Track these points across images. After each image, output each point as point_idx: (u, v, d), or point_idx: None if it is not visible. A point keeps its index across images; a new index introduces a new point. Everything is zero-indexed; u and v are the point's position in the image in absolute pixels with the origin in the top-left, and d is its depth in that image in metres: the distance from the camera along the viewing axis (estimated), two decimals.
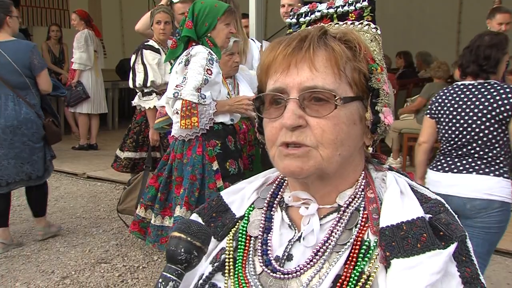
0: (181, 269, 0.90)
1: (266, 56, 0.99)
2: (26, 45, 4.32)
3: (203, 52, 3.09)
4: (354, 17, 1.08)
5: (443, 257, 0.86)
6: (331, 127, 0.93)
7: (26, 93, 4.22)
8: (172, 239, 0.92)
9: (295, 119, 0.92)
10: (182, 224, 0.94)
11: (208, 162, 3.18)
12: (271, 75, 0.98)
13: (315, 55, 0.94)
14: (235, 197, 1.13)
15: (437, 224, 0.91)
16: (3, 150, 4.11)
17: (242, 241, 1.05)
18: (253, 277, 0.99)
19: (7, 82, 4.11)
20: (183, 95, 3.02)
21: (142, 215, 3.52)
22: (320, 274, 0.93)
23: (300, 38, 0.96)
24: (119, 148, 5.09)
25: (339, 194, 1.00)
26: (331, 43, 0.95)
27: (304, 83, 0.93)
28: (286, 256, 0.99)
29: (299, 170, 0.94)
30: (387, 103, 1.01)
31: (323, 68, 0.93)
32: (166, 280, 0.89)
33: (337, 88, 0.93)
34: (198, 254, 0.92)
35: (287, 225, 1.04)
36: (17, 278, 3.78)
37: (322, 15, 1.11)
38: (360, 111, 0.98)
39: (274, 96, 0.96)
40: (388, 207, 0.94)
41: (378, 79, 0.98)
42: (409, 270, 0.86)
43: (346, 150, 0.96)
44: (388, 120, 1.01)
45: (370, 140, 1.02)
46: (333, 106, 0.92)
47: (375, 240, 0.93)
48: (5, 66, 4.08)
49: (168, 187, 3.34)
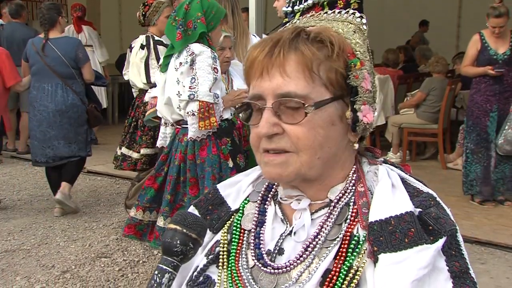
0: (177, 261, 0.91)
1: (247, 60, 1.00)
2: (73, 41, 5.12)
3: (206, 50, 3.09)
4: (342, 4, 1.07)
5: (430, 251, 0.86)
6: (306, 132, 0.93)
7: (73, 82, 4.90)
8: (168, 231, 0.92)
9: (269, 128, 0.93)
10: (178, 216, 0.94)
11: (224, 160, 3.20)
12: (251, 80, 1.00)
13: (286, 61, 0.94)
14: (231, 190, 1.14)
15: (426, 218, 0.91)
16: (54, 132, 4.85)
17: (236, 234, 1.06)
18: (245, 270, 1.00)
19: (57, 73, 4.83)
20: (200, 97, 3.01)
21: (140, 218, 3.42)
22: (309, 269, 0.94)
23: (273, 44, 0.96)
24: (125, 147, 5.07)
25: (330, 189, 1.01)
26: (301, 47, 0.94)
27: (277, 89, 0.93)
28: (278, 250, 1.00)
29: (278, 176, 0.97)
30: (367, 100, 0.98)
31: (295, 73, 0.93)
32: (162, 272, 0.90)
33: (310, 92, 0.93)
34: (194, 245, 0.92)
35: (279, 219, 1.05)
36: (18, 273, 3.79)
37: (314, 2, 1.11)
38: (339, 111, 0.97)
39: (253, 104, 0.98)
40: (377, 202, 0.94)
41: (356, 76, 0.96)
42: (396, 265, 0.86)
43: (326, 152, 0.96)
44: (367, 118, 0.98)
45: (355, 137, 1.00)
46: (304, 114, 0.92)
47: (364, 234, 0.93)
48: (55, 60, 4.81)
49: (176, 188, 3.30)
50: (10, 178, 6.56)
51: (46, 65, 4.81)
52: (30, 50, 4.94)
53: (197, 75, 3.05)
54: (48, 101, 4.82)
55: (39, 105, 4.85)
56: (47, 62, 4.81)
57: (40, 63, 4.85)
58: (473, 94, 5.06)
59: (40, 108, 4.85)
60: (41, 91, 4.85)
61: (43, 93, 4.84)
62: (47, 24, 4.85)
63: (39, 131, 4.87)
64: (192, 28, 3.15)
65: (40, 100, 4.84)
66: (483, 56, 4.97)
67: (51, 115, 4.81)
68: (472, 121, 5.04)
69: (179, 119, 3.29)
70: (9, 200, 5.59)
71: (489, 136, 4.99)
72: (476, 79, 5.06)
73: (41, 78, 4.87)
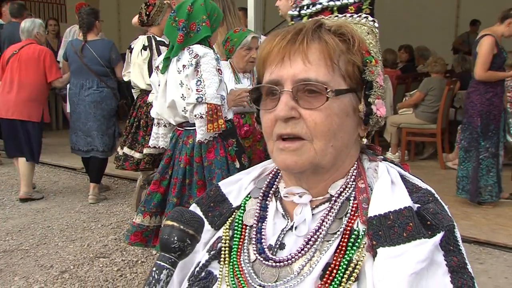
0: (175, 257, 0.91)
1: (263, 49, 1.02)
2: (107, 43, 5.54)
3: (209, 52, 3.08)
4: (354, 9, 1.11)
5: (428, 246, 0.87)
6: (323, 118, 0.95)
7: (107, 79, 5.46)
8: (165, 228, 0.92)
9: (287, 111, 0.94)
10: (175, 213, 0.95)
11: (231, 161, 3.19)
12: (267, 67, 1.00)
13: (309, 48, 0.96)
14: (233, 188, 1.16)
15: (424, 213, 0.92)
16: (90, 123, 5.40)
17: (238, 230, 1.07)
18: (247, 264, 1.01)
19: (93, 71, 5.37)
20: (208, 99, 2.99)
21: (147, 224, 3.31)
22: (311, 262, 0.96)
23: (295, 32, 0.98)
24: (127, 147, 5.06)
25: (331, 184, 1.02)
26: (324, 36, 0.97)
27: (298, 75, 0.95)
28: (279, 245, 1.01)
29: (294, 164, 0.97)
30: (380, 95, 1.02)
31: (317, 61, 0.95)
32: (160, 268, 0.90)
33: (329, 80, 0.95)
34: (191, 242, 0.92)
35: (280, 215, 1.06)
36: (16, 273, 3.78)
37: (322, 7, 1.13)
38: (354, 103, 0.99)
39: (269, 88, 0.98)
40: (377, 197, 0.96)
41: (372, 71, 1.00)
42: (394, 258, 0.87)
43: (339, 142, 0.98)
44: (381, 112, 1.02)
45: (364, 131, 1.04)
46: (325, 98, 0.94)
47: (364, 229, 0.95)
48: (92, 60, 5.36)
49: (182, 191, 3.26)
50: (9, 178, 6.55)
51: (84, 64, 5.37)
52: (69, 51, 5.54)
53: (202, 77, 3.03)
54: (85, 95, 5.41)
55: (78, 99, 5.43)
56: (84, 61, 5.37)
57: (78, 63, 5.41)
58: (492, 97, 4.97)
59: (79, 102, 5.44)
60: (79, 87, 5.43)
61: (81, 88, 5.43)
62: (85, 28, 5.39)
63: (80, 123, 5.47)
64: (195, 31, 3.12)
65: (79, 95, 5.43)
66: (499, 59, 4.95)
67: (88, 108, 5.40)
68: (494, 125, 5.01)
69: (182, 122, 3.27)
70: (8, 200, 5.58)
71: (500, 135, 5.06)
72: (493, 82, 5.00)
73: (79, 76, 5.43)
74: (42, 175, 6.74)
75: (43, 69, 5.49)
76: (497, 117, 5.01)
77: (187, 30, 3.11)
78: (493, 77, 4.97)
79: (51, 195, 5.77)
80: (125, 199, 5.64)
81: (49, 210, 5.19)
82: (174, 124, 3.33)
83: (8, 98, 5.42)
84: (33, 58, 5.45)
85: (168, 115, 3.29)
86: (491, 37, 4.88)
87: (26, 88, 5.42)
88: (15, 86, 5.42)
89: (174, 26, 3.15)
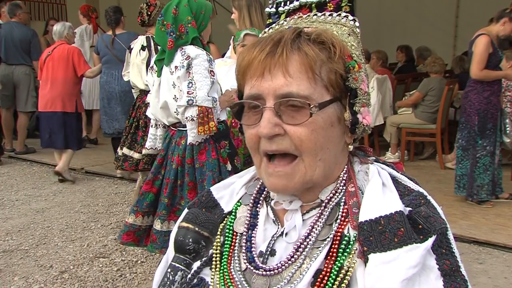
0: (190, 259, 0.91)
1: (242, 60, 0.99)
2: (133, 35, 5.87)
3: (202, 53, 3.06)
4: (332, 7, 1.06)
5: (420, 251, 0.86)
6: (309, 134, 0.93)
7: None
8: (180, 229, 0.92)
9: (271, 128, 0.92)
10: (190, 215, 0.94)
11: (223, 164, 3.19)
12: (247, 80, 0.98)
13: (289, 61, 0.92)
14: (225, 192, 1.14)
15: (416, 217, 0.91)
16: (119, 108, 6.12)
17: (229, 237, 1.06)
18: (238, 273, 1.00)
19: (122, 61, 5.75)
20: (199, 102, 2.99)
21: (139, 223, 3.32)
22: (301, 269, 0.95)
23: (274, 43, 0.95)
24: (126, 147, 5.06)
25: (322, 190, 1.01)
26: (304, 47, 0.94)
27: (279, 90, 0.92)
28: (269, 252, 1.00)
29: (284, 188, 0.96)
30: (365, 102, 1.00)
31: (297, 74, 0.92)
32: (175, 270, 0.90)
33: (312, 93, 0.92)
34: (206, 244, 0.92)
35: (271, 220, 1.05)
36: (16, 273, 3.78)
37: (300, 4, 1.10)
38: (338, 112, 0.97)
39: (251, 103, 0.96)
40: (368, 201, 0.94)
41: (355, 78, 0.97)
42: (385, 264, 0.86)
43: (327, 154, 0.96)
44: (367, 120, 1.00)
45: (351, 138, 1.01)
46: (309, 114, 0.92)
47: (355, 234, 0.93)
48: (121, 51, 5.97)
49: (173, 192, 3.26)
50: (8, 178, 6.55)
51: (114, 55, 6.15)
52: (100, 44, 6.38)
53: (194, 79, 3.02)
54: (115, 83, 6.11)
55: (109, 87, 6.19)
56: (114, 53, 6.15)
57: (109, 55, 6.21)
58: (489, 96, 4.99)
59: (109, 89, 6.19)
60: (110, 76, 6.19)
61: (111, 78, 6.16)
62: (113, 24, 6.18)
63: (108, 107, 6.20)
64: (185, 33, 3.11)
65: (109, 83, 6.18)
66: (495, 58, 4.96)
67: (117, 95, 6.13)
68: (491, 124, 5.03)
69: (175, 122, 3.27)
70: (7, 200, 5.58)
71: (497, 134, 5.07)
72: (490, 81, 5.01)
73: (110, 66, 6.20)
74: (42, 175, 6.74)
75: (72, 65, 6.16)
76: (495, 116, 5.02)
77: (176, 33, 3.10)
78: (488, 76, 4.99)
79: (51, 195, 5.77)
80: (124, 199, 5.63)
81: (49, 210, 5.19)
82: (168, 124, 3.33)
83: (45, 93, 6.18)
84: (63, 57, 6.15)
85: (161, 115, 3.29)
86: (486, 36, 4.90)
87: (58, 83, 6.10)
88: (50, 82, 6.14)
89: (163, 30, 3.13)
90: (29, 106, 7.60)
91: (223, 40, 6.29)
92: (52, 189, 6.02)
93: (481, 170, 4.98)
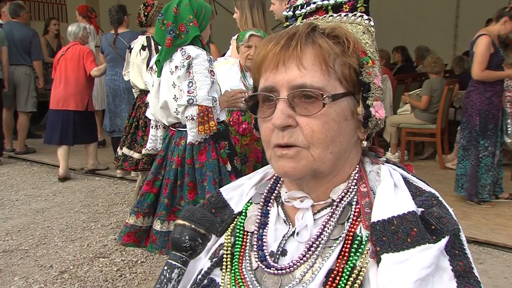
0: (186, 256, 0.91)
1: (257, 54, 1.00)
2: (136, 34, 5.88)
3: (202, 53, 3.07)
4: (348, 8, 1.08)
5: (433, 251, 0.86)
6: (321, 125, 0.93)
7: None
8: (177, 227, 0.92)
9: (284, 119, 0.93)
10: (186, 212, 0.94)
11: (223, 164, 3.18)
12: (262, 73, 0.99)
13: (303, 53, 0.94)
14: (234, 193, 1.14)
15: (429, 218, 0.91)
16: (123, 105, 6.20)
17: (240, 236, 1.06)
18: (249, 272, 1.00)
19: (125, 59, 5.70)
20: (199, 101, 2.99)
21: (140, 224, 3.30)
22: (313, 269, 0.94)
23: (288, 36, 0.96)
24: (126, 147, 5.05)
25: (333, 189, 1.01)
26: (318, 40, 0.95)
27: (293, 81, 0.93)
28: (281, 252, 1.00)
29: (292, 170, 0.95)
30: (378, 96, 1.00)
31: (311, 66, 0.94)
32: (171, 267, 0.90)
33: (325, 85, 0.93)
34: (202, 241, 0.92)
35: (282, 220, 1.05)
36: (16, 273, 3.78)
37: (317, 7, 1.11)
38: (351, 106, 0.98)
39: (265, 95, 0.97)
40: (380, 202, 0.94)
41: (369, 72, 0.98)
42: (399, 264, 0.86)
43: (338, 147, 0.96)
44: (380, 114, 1.01)
45: (364, 134, 1.02)
46: (322, 105, 0.92)
47: (367, 234, 0.93)
48: (124, 49, 5.87)
49: (173, 192, 3.25)
50: (8, 178, 6.55)
51: (117, 54, 6.20)
52: (104, 43, 6.46)
53: (194, 79, 3.02)
54: (120, 81, 6.15)
55: (114, 85, 6.28)
56: (117, 51, 6.21)
57: (112, 53, 6.29)
58: (491, 96, 4.98)
59: (114, 87, 6.28)
60: (114, 74, 6.25)
61: (116, 75, 6.22)
62: (116, 23, 6.24)
63: (113, 104, 6.30)
64: (185, 32, 3.10)
65: (114, 81, 6.26)
66: (497, 58, 4.95)
67: (121, 92, 6.23)
68: (493, 125, 5.02)
69: (174, 122, 3.26)
70: (7, 200, 5.58)
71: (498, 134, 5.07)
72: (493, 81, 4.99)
73: (114, 64, 6.25)
74: (42, 175, 6.74)
75: (83, 65, 6.32)
76: (496, 116, 5.01)
77: (176, 32, 3.10)
78: (490, 77, 4.98)
79: (51, 195, 5.77)
80: (124, 199, 5.63)
81: (49, 210, 5.19)
82: (167, 124, 3.33)
83: (57, 92, 6.33)
84: (75, 57, 6.33)
85: (161, 115, 3.29)
86: (487, 36, 4.89)
87: (70, 82, 6.30)
88: (63, 81, 6.31)
89: (163, 29, 3.13)
90: (29, 106, 7.60)
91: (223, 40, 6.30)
92: (52, 189, 6.02)
93: (484, 171, 4.98)
